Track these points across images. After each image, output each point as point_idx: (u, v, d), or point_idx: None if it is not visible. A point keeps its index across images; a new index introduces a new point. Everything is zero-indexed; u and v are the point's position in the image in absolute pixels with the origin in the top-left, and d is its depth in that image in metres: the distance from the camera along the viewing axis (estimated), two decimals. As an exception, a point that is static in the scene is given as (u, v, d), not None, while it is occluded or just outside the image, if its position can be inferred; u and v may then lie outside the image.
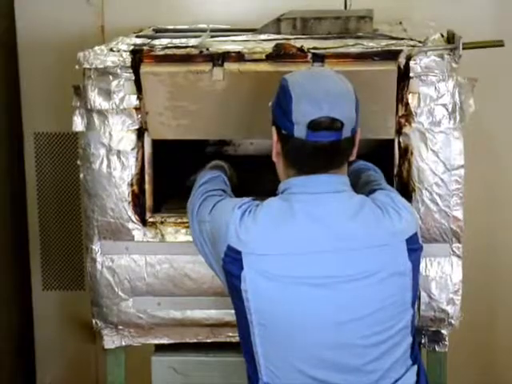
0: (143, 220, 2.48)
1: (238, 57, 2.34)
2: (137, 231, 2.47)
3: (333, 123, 1.99)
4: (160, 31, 2.87)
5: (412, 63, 2.33)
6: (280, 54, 2.34)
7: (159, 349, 2.63)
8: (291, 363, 2.03)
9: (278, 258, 1.99)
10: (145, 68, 2.36)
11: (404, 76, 2.33)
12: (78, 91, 2.44)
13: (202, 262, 2.22)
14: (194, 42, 2.44)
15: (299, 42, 2.41)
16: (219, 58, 2.34)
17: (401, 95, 2.35)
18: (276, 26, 2.62)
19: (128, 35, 2.69)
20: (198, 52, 2.36)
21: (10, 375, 3.47)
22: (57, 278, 3.50)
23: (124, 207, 2.46)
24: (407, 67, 2.33)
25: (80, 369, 3.56)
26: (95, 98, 2.41)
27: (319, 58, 2.32)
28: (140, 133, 2.44)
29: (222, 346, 2.58)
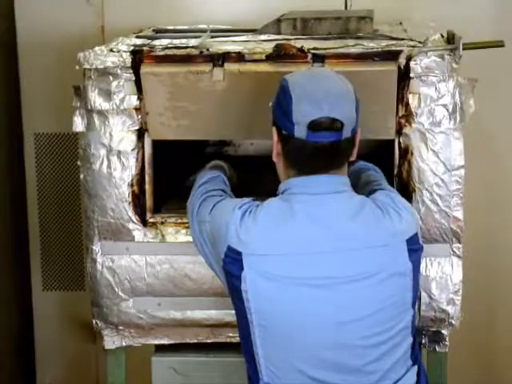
0: (143, 220, 2.48)
1: (239, 57, 2.34)
2: (137, 231, 2.47)
3: (333, 123, 1.99)
4: (160, 31, 2.87)
5: (412, 63, 2.33)
6: (280, 54, 2.34)
7: (159, 349, 2.62)
8: (291, 363, 2.03)
9: (278, 259, 1.99)
10: (145, 68, 2.36)
11: (404, 76, 2.33)
12: (79, 92, 2.44)
13: (203, 263, 2.22)
14: (194, 42, 2.44)
15: (299, 42, 2.41)
16: (219, 59, 2.33)
17: (401, 95, 2.35)
18: (276, 26, 2.62)
19: (128, 35, 2.69)
20: (198, 52, 2.36)
21: (10, 375, 3.47)
22: (57, 278, 3.50)
23: (124, 207, 2.46)
24: (407, 67, 2.33)
25: (80, 369, 3.56)
26: (95, 99, 2.41)
27: (319, 58, 2.32)
28: (140, 133, 2.44)
29: (222, 347, 2.58)
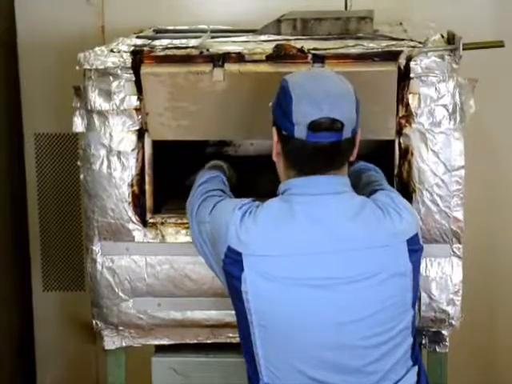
0: (143, 221, 2.48)
1: (239, 57, 2.34)
2: (137, 232, 2.47)
3: (333, 124, 1.99)
4: (160, 32, 2.87)
5: (412, 64, 2.33)
6: (280, 54, 2.34)
7: (159, 349, 2.62)
8: (291, 364, 2.03)
9: (279, 259, 1.99)
10: (145, 69, 2.36)
11: (404, 77, 2.33)
12: (79, 92, 2.44)
13: (203, 263, 2.22)
14: (194, 42, 2.44)
15: (299, 42, 2.41)
16: (219, 59, 2.33)
17: (401, 96, 2.35)
18: (276, 26, 2.62)
19: (128, 36, 2.69)
20: (198, 53, 2.36)
21: (11, 376, 3.47)
22: (57, 278, 3.50)
23: (124, 208, 2.46)
24: (407, 68, 2.33)
25: (80, 369, 3.56)
26: (95, 99, 2.41)
27: (319, 58, 2.32)
28: (140, 133, 2.44)
29: (222, 347, 2.58)
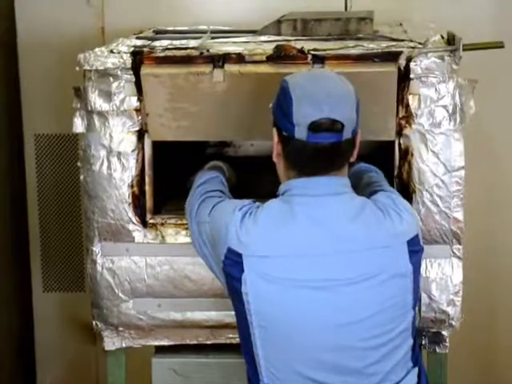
0: (143, 221, 2.48)
1: (239, 58, 2.34)
2: (137, 233, 2.47)
3: (333, 125, 1.99)
4: (160, 32, 2.87)
5: (412, 65, 2.32)
6: (280, 55, 2.34)
7: (159, 350, 2.62)
8: (291, 365, 2.03)
9: (279, 261, 1.99)
10: (145, 69, 2.36)
11: (404, 77, 2.33)
12: (79, 93, 2.44)
13: (202, 264, 2.22)
14: (194, 43, 2.44)
15: (299, 43, 2.41)
16: (220, 60, 2.33)
17: (401, 97, 2.35)
18: (276, 27, 2.62)
19: (128, 36, 2.69)
20: (198, 53, 2.36)
21: (10, 376, 3.47)
22: (57, 279, 3.50)
23: (124, 209, 2.46)
24: (407, 69, 2.32)
25: (80, 370, 3.56)
26: (95, 100, 2.41)
27: (319, 59, 2.32)
28: (140, 134, 2.44)
29: (222, 348, 2.58)
